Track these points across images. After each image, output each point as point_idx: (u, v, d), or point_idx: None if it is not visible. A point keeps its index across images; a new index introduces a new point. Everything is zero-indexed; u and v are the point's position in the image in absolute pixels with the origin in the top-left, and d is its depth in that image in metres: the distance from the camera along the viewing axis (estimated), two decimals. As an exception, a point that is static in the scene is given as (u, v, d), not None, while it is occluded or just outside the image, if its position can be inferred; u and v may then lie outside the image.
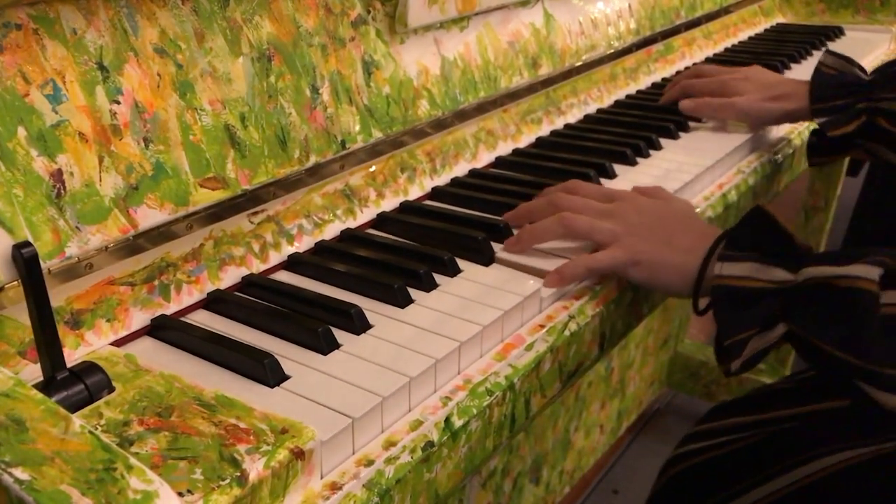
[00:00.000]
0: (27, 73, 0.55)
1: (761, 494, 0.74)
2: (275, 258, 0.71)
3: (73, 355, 0.56)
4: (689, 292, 0.71)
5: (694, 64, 1.38)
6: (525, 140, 1.02)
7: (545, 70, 1.04)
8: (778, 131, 1.10)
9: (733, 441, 0.82)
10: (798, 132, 1.11)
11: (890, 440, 0.70)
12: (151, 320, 0.61)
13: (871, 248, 0.65)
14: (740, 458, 0.80)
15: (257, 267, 0.70)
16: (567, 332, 0.65)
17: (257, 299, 0.65)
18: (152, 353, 0.58)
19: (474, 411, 0.56)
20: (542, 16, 1.05)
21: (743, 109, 1.04)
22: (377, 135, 0.80)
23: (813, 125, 1.08)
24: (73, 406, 0.50)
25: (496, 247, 0.74)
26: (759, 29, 1.63)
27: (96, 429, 0.47)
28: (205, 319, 0.63)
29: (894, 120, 0.94)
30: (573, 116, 1.10)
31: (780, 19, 1.72)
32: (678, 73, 1.32)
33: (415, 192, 0.86)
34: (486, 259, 0.72)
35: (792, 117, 1.04)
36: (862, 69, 1.02)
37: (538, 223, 0.74)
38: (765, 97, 1.03)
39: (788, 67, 1.34)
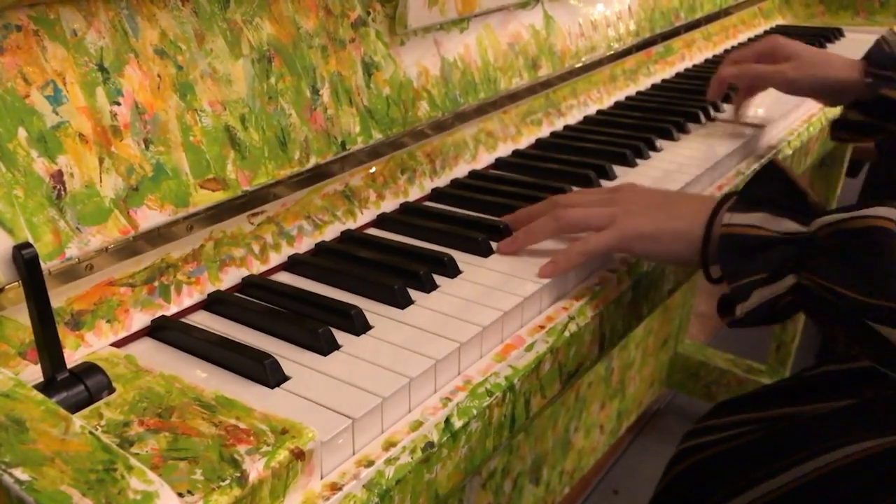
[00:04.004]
0: (28, 74, 0.55)
1: (766, 490, 0.74)
2: (275, 259, 0.71)
3: (73, 356, 0.56)
4: (697, 257, 0.68)
5: (694, 65, 1.38)
6: (525, 141, 1.02)
7: (545, 71, 1.04)
8: (777, 133, 1.10)
9: (737, 436, 0.82)
10: (798, 133, 1.11)
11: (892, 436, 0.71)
12: (152, 321, 0.61)
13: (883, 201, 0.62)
14: (744, 455, 0.80)
15: (257, 268, 0.70)
16: (567, 333, 0.65)
17: (257, 300, 0.65)
18: (152, 354, 0.59)
19: (474, 412, 0.56)
20: (542, 17, 1.05)
21: (790, 77, 1.01)
22: (377, 136, 0.80)
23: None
24: (74, 407, 0.50)
25: (495, 246, 0.75)
26: (759, 30, 1.63)
27: (96, 429, 0.47)
28: (205, 320, 0.63)
29: None
30: (573, 118, 1.11)
31: (780, 21, 1.72)
32: (678, 74, 1.33)
33: (415, 193, 0.86)
34: (485, 254, 0.73)
35: (837, 86, 1.01)
36: None
37: (534, 223, 0.74)
38: (813, 64, 1.01)
39: (788, 68, 1.34)
